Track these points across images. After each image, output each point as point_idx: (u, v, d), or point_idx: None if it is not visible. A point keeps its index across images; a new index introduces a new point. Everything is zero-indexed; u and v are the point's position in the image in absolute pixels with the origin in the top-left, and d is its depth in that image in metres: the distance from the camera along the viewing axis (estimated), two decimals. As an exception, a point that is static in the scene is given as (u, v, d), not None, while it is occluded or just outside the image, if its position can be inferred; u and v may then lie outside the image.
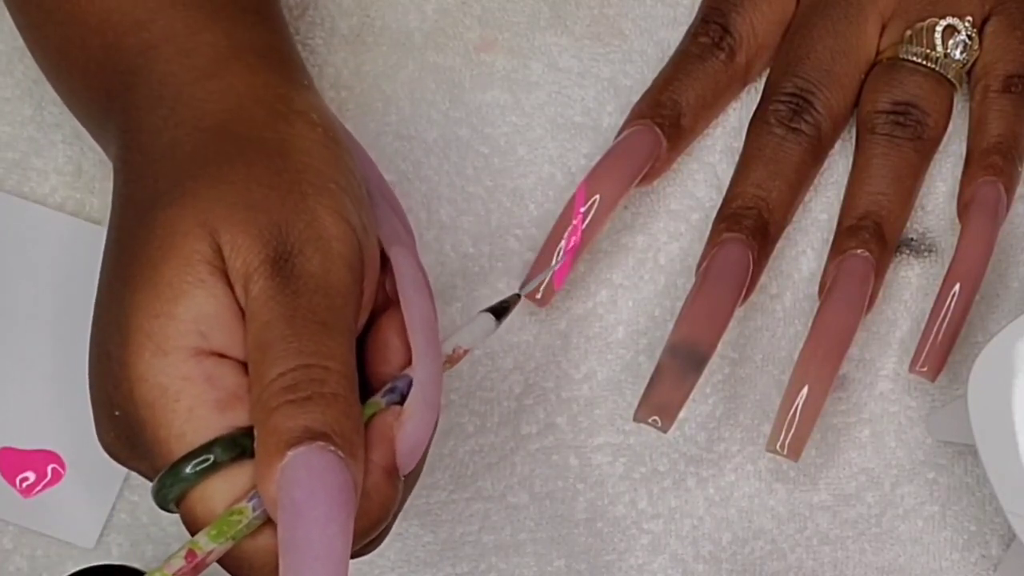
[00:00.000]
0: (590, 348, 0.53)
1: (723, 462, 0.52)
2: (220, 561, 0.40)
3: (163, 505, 0.40)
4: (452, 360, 0.44)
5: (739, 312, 0.52)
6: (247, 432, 0.40)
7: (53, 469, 0.51)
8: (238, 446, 0.39)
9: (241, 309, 0.40)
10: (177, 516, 0.52)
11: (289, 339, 0.39)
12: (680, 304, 0.51)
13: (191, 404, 0.39)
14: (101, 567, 0.48)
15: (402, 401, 0.41)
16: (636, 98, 0.53)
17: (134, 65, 0.44)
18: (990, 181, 0.52)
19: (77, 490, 0.51)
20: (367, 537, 0.41)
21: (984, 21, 0.53)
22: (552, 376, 0.53)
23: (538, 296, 0.50)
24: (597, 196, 0.51)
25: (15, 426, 0.51)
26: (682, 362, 0.49)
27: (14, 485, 0.51)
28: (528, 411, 0.52)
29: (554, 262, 0.50)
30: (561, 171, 0.54)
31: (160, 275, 0.40)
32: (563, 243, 0.50)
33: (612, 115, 0.54)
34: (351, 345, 0.41)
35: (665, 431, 0.48)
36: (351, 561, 0.38)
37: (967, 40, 0.53)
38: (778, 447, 0.49)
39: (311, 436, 0.38)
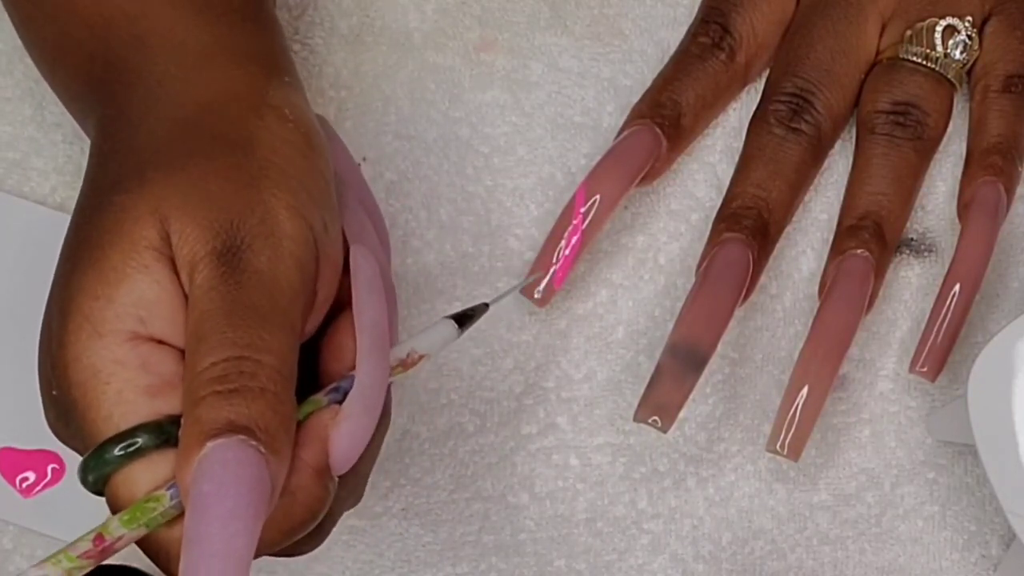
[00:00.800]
0: (590, 348, 0.53)
1: (723, 462, 0.52)
2: (141, 548, 0.39)
3: (89, 486, 0.40)
4: (406, 364, 0.43)
5: (739, 312, 0.52)
6: (176, 420, 0.39)
7: (53, 469, 0.51)
8: (164, 433, 0.39)
9: (186, 298, 0.40)
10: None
11: (224, 330, 0.39)
12: (680, 304, 0.51)
13: (120, 387, 0.39)
14: (101, 567, 0.48)
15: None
16: (636, 98, 0.53)
17: (122, 56, 0.44)
18: (990, 181, 0.52)
19: (77, 490, 0.50)
20: (292, 536, 0.40)
21: (984, 21, 0.53)
22: (552, 376, 0.53)
23: (538, 296, 0.50)
24: (597, 196, 0.51)
25: (15, 426, 0.51)
26: (682, 362, 0.49)
27: (14, 485, 0.51)
28: (528, 411, 0.52)
29: (553, 267, 0.50)
30: (561, 171, 0.54)
31: (106, 258, 0.40)
32: (563, 243, 0.50)
33: (612, 115, 0.54)
34: (291, 343, 0.40)
35: (665, 431, 0.48)
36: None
37: (967, 40, 0.53)
38: (778, 447, 0.49)
39: (232, 429, 0.38)
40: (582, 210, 0.50)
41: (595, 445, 0.52)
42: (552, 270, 0.50)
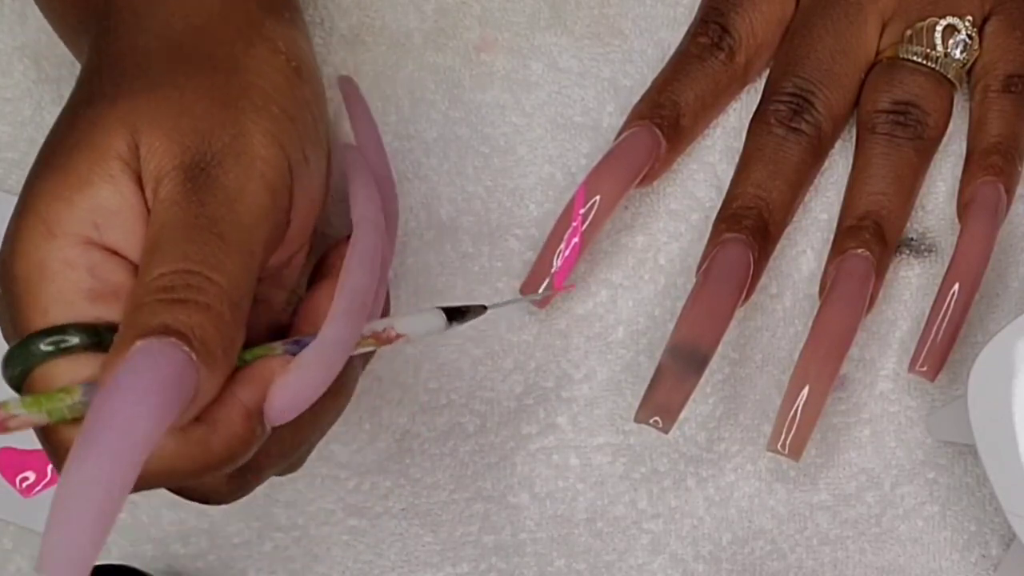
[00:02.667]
0: (590, 348, 0.53)
1: (723, 462, 0.52)
2: (44, 447, 0.38)
3: (10, 380, 0.39)
4: (379, 338, 0.42)
5: (739, 312, 0.52)
6: (112, 328, 0.38)
7: (53, 469, 0.51)
8: (96, 335, 0.38)
9: (148, 213, 0.40)
10: (177, 517, 0.52)
11: (179, 243, 0.38)
12: (680, 304, 0.51)
13: (63, 287, 0.39)
14: (101, 567, 0.48)
15: None
16: (636, 98, 0.53)
17: None
18: (990, 181, 0.52)
19: (77, 490, 0.51)
20: (204, 471, 0.39)
21: (984, 21, 0.53)
22: (552, 376, 0.53)
23: (537, 297, 0.50)
24: (597, 197, 0.51)
25: (15, 426, 0.51)
26: (683, 363, 0.49)
27: (14, 485, 0.51)
28: (528, 411, 0.52)
29: (553, 268, 0.50)
30: (561, 171, 0.54)
31: (71, 163, 0.40)
32: (562, 244, 0.50)
33: (612, 115, 0.54)
34: (247, 267, 0.39)
35: (666, 432, 0.48)
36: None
37: (967, 40, 0.53)
38: (779, 447, 0.49)
39: (166, 331, 0.37)
40: (581, 211, 0.50)
41: (595, 445, 0.52)
42: (550, 283, 0.50)
